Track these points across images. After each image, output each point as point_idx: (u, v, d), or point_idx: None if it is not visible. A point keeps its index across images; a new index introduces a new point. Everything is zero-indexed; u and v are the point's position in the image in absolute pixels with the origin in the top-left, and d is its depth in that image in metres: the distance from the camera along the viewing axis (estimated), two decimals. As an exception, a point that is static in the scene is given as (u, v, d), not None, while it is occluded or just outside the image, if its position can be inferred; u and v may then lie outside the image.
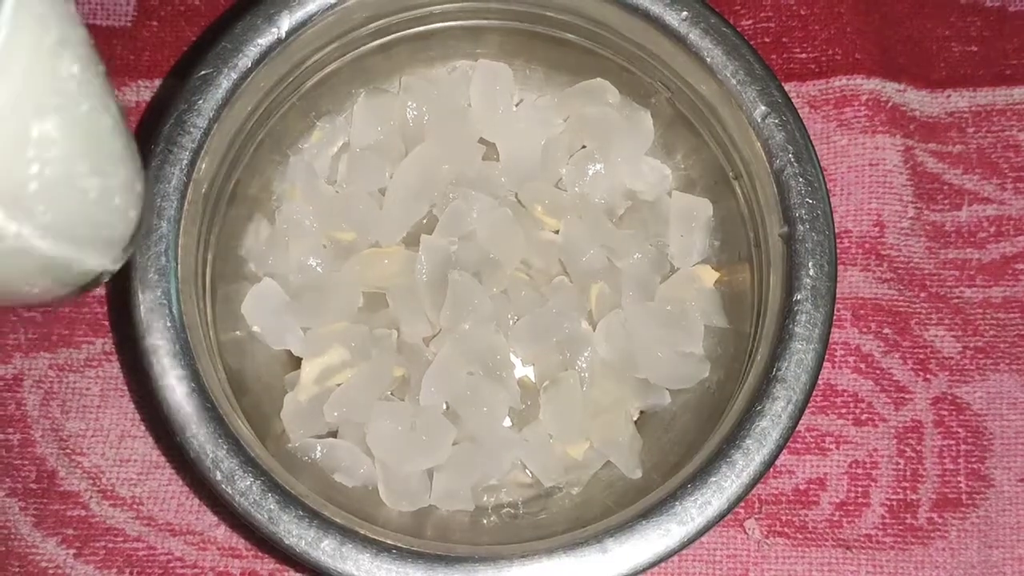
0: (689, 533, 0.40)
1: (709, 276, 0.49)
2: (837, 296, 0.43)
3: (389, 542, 0.41)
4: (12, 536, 0.49)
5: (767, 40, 0.55)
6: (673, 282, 0.49)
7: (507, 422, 0.48)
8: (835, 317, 0.43)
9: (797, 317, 0.42)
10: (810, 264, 0.42)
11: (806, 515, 0.50)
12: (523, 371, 0.49)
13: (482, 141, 0.51)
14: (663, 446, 0.47)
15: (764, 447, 0.41)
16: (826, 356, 0.42)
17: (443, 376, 0.46)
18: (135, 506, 0.50)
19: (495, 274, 0.48)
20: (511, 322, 0.47)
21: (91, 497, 0.50)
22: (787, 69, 0.55)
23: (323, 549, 0.40)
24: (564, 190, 0.50)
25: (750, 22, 0.56)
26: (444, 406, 0.47)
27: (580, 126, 0.50)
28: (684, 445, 0.45)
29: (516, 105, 0.52)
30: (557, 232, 0.50)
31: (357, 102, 0.50)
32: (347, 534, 0.40)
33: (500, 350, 0.47)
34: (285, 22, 0.44)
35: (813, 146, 0.43)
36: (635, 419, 0.49)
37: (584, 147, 0.51)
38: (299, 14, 0.44)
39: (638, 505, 0.41)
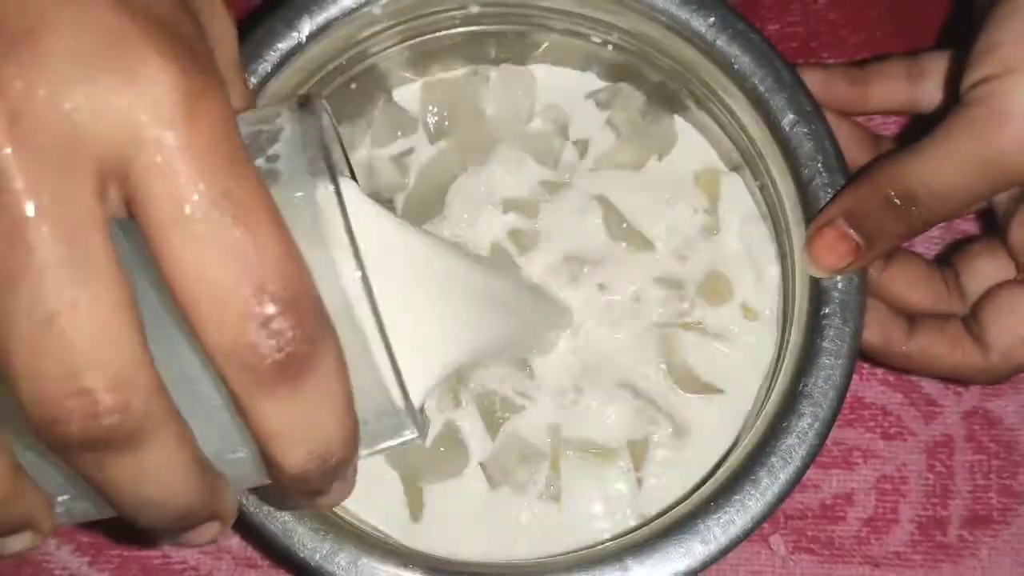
0: (711, 552, 0.39)
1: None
2: (866, 309, 0.41)
3: (403, 554, 0.40)
4: (27, 543, 0.49)
5: (795, 45, 0.54)
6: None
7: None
8: (863, 330, 0.42)
9: (825, 332, 0.41)
10: (839, 277, 0.41)
11: (833, 531, 0.49)
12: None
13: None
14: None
15: (790, 465, 0.40)
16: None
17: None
18: (151, 514, 0.49)
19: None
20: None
21: (107, 504, 0.49)
22: (816, 74, 0.53)
23: (337, 563, 0.39)
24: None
25: (777, 26, 0.54)
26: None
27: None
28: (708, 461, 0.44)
29: (538, 110, 0.51)
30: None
31: (378, 107, 0.50)
32: (362, 547, 0.40)
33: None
34: (306, 27, 0.43)
35: (843, 156, 0.42)
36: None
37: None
38: (319, 19, 0.44)
39: (659, 522, 0.41)
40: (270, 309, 0.23)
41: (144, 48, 0.22)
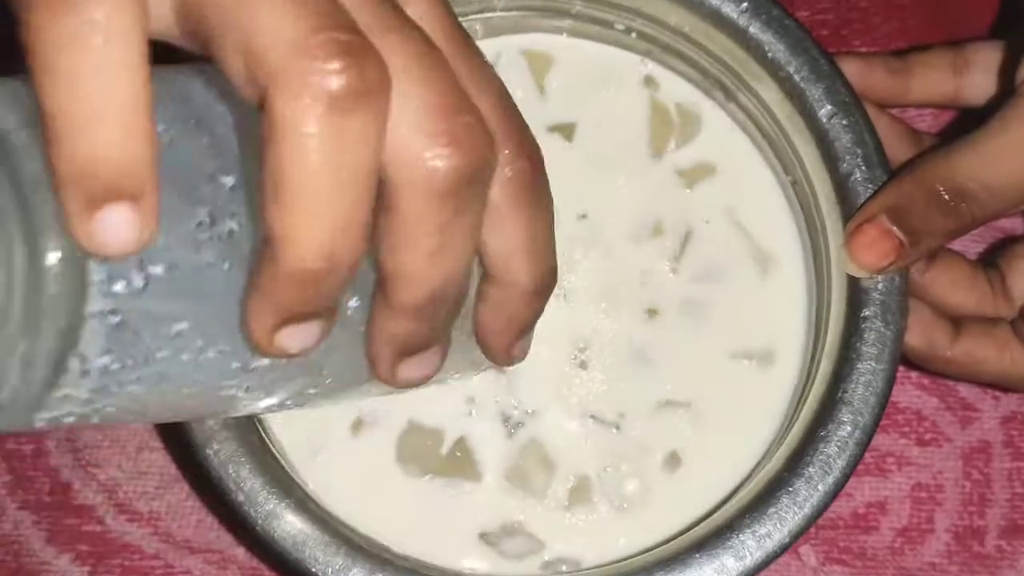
0: (746, 568, 0.37)
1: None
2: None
3: (421, 571, 0.39)
4: (24, 552, 0.47)
5: (825, 32, 0.52)
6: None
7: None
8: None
9: (865, 335, 0.39)
10: (879, 276, 0.39)
11: (865, 541, 0.47)
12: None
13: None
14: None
15: (829, 476, 0.38)
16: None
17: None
18: (152, 522, 0.47)
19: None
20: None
21: (107, 512, 0.48)
22: (846, 64, 0.52)
23: (351, 579, 0.38)
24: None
25: (807, 13, 0.53)
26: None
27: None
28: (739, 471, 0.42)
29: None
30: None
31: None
32: (377, 562, 0.38)
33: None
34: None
35: (884, 150, 0.40)
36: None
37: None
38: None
39: (691, 535, 0.39)
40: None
41: None
